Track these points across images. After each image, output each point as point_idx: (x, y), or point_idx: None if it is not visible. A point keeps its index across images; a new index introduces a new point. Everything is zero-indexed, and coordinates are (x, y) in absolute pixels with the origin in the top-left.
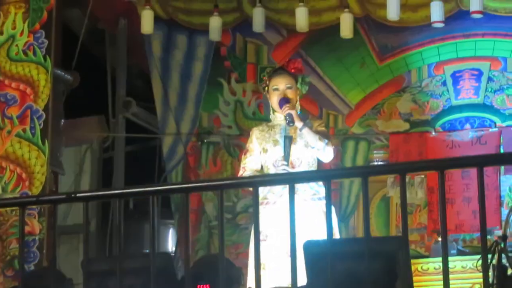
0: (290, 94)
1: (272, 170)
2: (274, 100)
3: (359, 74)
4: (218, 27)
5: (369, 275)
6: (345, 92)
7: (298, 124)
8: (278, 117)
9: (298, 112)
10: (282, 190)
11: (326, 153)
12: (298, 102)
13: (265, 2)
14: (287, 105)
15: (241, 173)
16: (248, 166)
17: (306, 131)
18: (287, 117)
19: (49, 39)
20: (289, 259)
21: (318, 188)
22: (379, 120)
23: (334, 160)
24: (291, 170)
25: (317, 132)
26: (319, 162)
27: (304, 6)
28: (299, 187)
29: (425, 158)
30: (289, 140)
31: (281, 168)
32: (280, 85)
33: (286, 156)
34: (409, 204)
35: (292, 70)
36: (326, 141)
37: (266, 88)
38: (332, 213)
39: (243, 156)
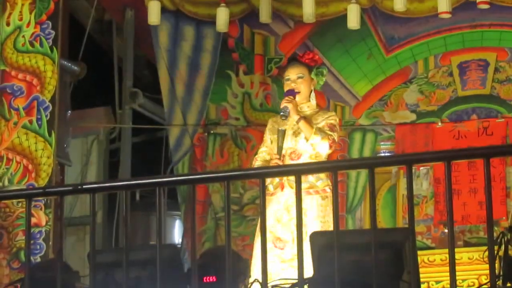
0: (301, 83)
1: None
2: (284, 90)
3: (366, 65)
4: (225, 18)
5: (376, 266)
6: (352, 83)
7: (295, 117)
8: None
9: (313, 102)
10: (278, 182)
11: (321, 146)
12: (312, 92)
13: None
14: (287, 97)
15: (253, 163)
16: (260, 156)
17: (301, 124)
18: (282, 110)
19: (55, 30)
20: (289, 250)
21: (314, 181)
22: (386, 112)
23: (341, 152)
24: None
25: (324, 125)
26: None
27: None
28: (293, 179)
29: (431, 149)
30: (282, 134)
31: (273, 162)
32: (291, 75)
33: (279, 150)
34: (416, 195)
35: (306, 61)
36: (323, 134)
37: (282, 80)
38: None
39: (260, 145)
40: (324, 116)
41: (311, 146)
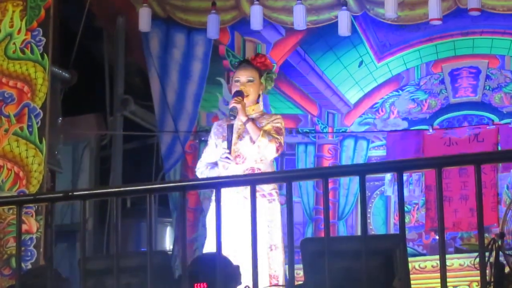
0: (250, 86)
1: (220, 167)
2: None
3: (357, 73)
4: (216, 25)
5: (367, 273)
6: (344, 91)
7: (243, 118)
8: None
9: (261, 107)
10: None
11: (268, 149)
12: (260, 97)
13: (263, 0)
14: (235, 98)
15: (197, 166)
16: (203, 160)
17: (249, 125)
18: (231, 110)
19: (46, 37)
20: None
21: (261, 185)
22: (378, 119)
23: (332, 159)
24: (231, 159)
25: (271, 128)
26: (318, 161)
27: (301, 4)
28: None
29: (422, 155)
30: (231, 129)
31: (224, 157)
32: (242, 77)
33: (229, 144)
34: (407, 202)
35: (258, 64)
36: (270, 137)
37: (231, 80)
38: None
39: (204, 150)
40: (270, 119)
41: (258, 149)
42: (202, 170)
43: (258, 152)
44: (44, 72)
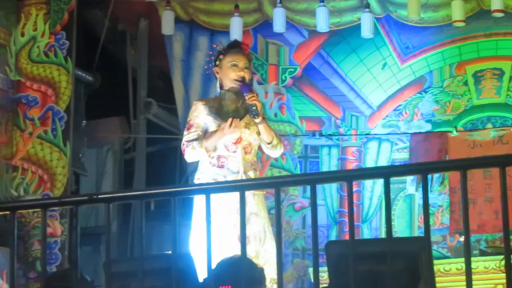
0: (247, 74)
1: (221, 150)
2: (231, 75)
3: (381, 75)
4: (239, 28)
5: (392, 276)
6: (367, 93)
7: (259, 118)
8: (230, 93)
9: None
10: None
11: (277, 151)
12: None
13: (285, 3)
14: (254, 94)
15: (185, 147)
16: (191, 135)
17: (264, 126)
18: (253, 109)
19: (70, 40)
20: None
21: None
22: (401, 121)
23: (356, 162)
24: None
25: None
26: (341, 164)
27: (324, 6)
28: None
29: (445, 157)
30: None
31: (228, 122)
32: (240, 62)
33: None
34: (431, 205)
35: (246, 52)
36: (279, 139)
37: (218, 62)
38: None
39: (186, 131)
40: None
41: (269, 149)
42: (195, 144)
43: (268, 152)
44: (68, 75)
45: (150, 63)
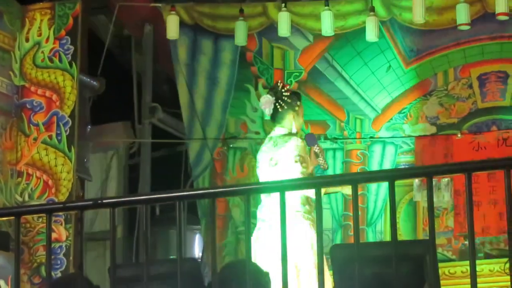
0: None
1: None
2: (301, 122)
3: (385, 78)
4: (244, 32)
5: (397, 279)
6: (372, 96)
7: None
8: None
9: None
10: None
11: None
12: None
13: (290, 7)
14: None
15: None
16: None
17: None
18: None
19: (74, 46)
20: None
21: (299, 207)
22: (406, 124)
23: (361, 165)
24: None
25: None
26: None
27: (329, 10)
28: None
29: (450, 160)
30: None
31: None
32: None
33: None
34: (436, 208)
35: None
36: None
37: (297, 107)
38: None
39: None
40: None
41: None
42: None
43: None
44: (73, 80)
45: (155, 68)
